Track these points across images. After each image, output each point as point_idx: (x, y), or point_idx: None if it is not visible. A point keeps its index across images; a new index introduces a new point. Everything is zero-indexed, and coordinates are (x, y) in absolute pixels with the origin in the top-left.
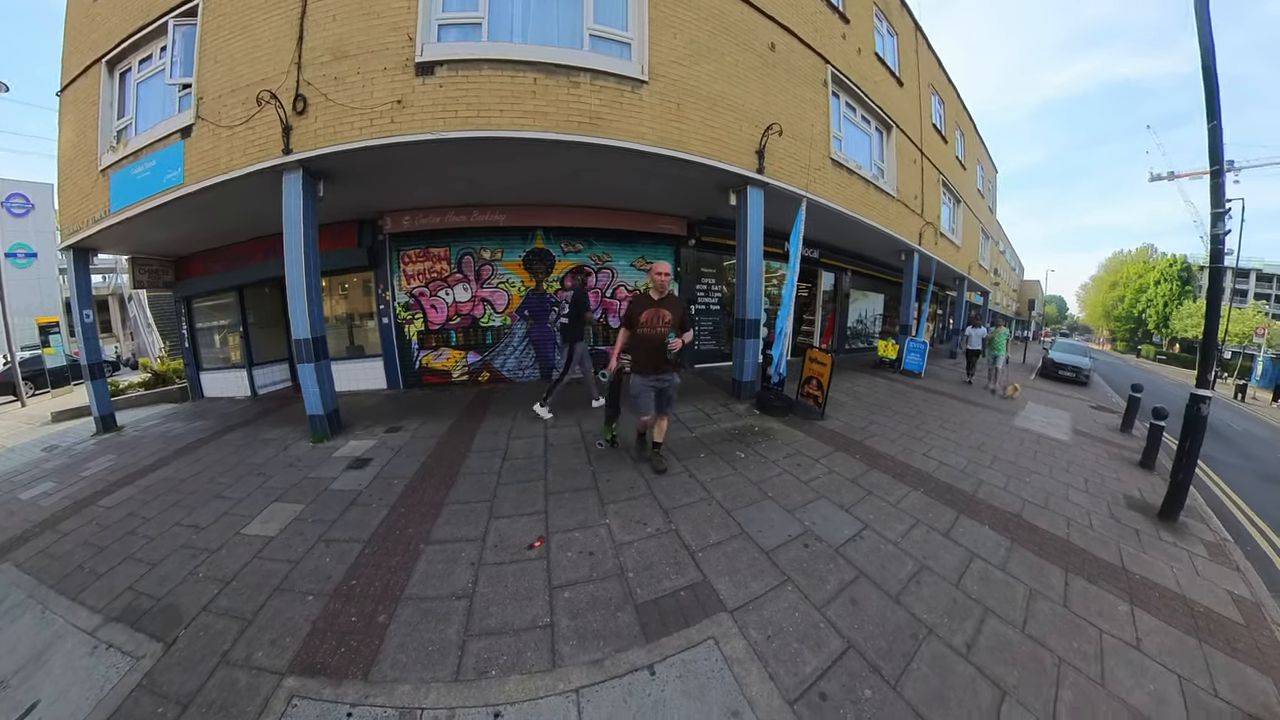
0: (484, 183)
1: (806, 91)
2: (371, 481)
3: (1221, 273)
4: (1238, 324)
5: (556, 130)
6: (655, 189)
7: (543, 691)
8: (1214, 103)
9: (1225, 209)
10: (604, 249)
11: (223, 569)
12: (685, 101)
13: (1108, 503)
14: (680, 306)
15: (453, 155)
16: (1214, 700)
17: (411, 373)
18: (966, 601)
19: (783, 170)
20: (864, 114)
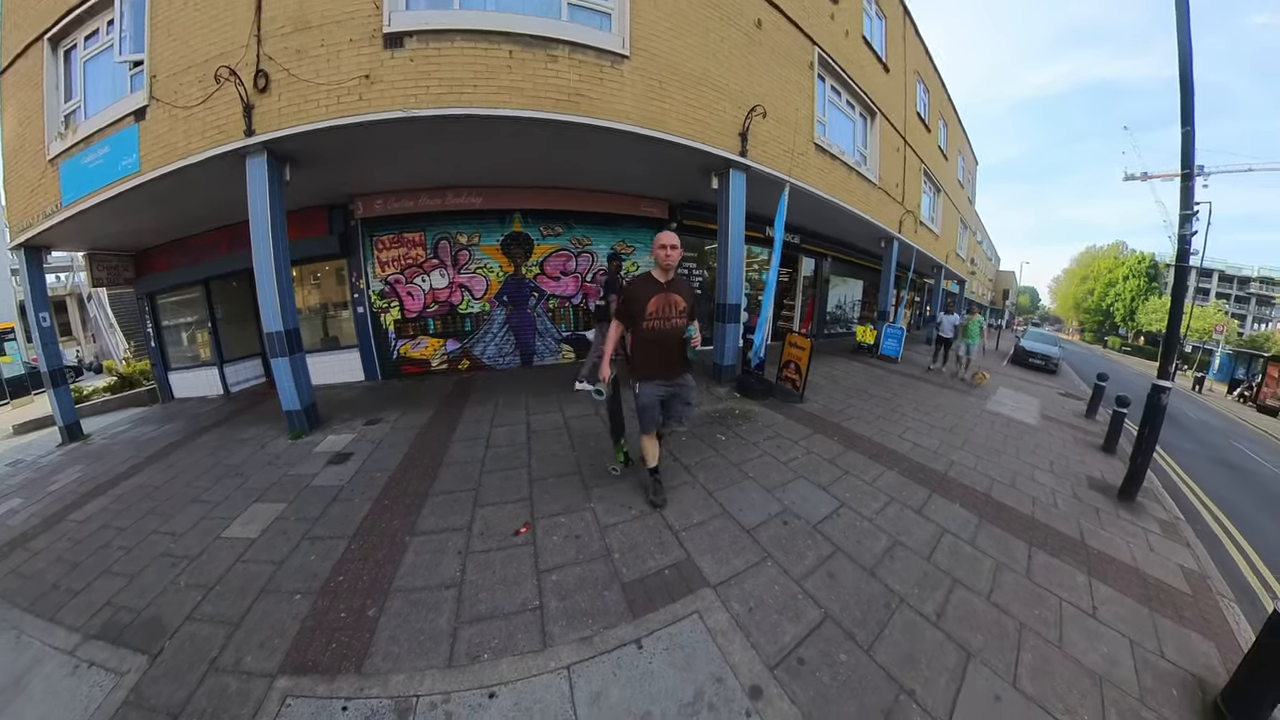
0: (459, 164)
1: (792, 73)
2: (353, 476)
3: (1186, 271)
4: (1199, 320)
5: (534, 108)
6: (636, 171)
7: (535, 670)
8: (1189, 109)
9: (1193, 211)
10: (584, 232)
11: (205, 575)
12: (668, 79)
13: (1071, 483)
14: (691, 289)
15: (425, 134)
16: (1161, 661)
17: (389, 363)
18: (937, 574)
19: (766, 154)
20: (849, 99)
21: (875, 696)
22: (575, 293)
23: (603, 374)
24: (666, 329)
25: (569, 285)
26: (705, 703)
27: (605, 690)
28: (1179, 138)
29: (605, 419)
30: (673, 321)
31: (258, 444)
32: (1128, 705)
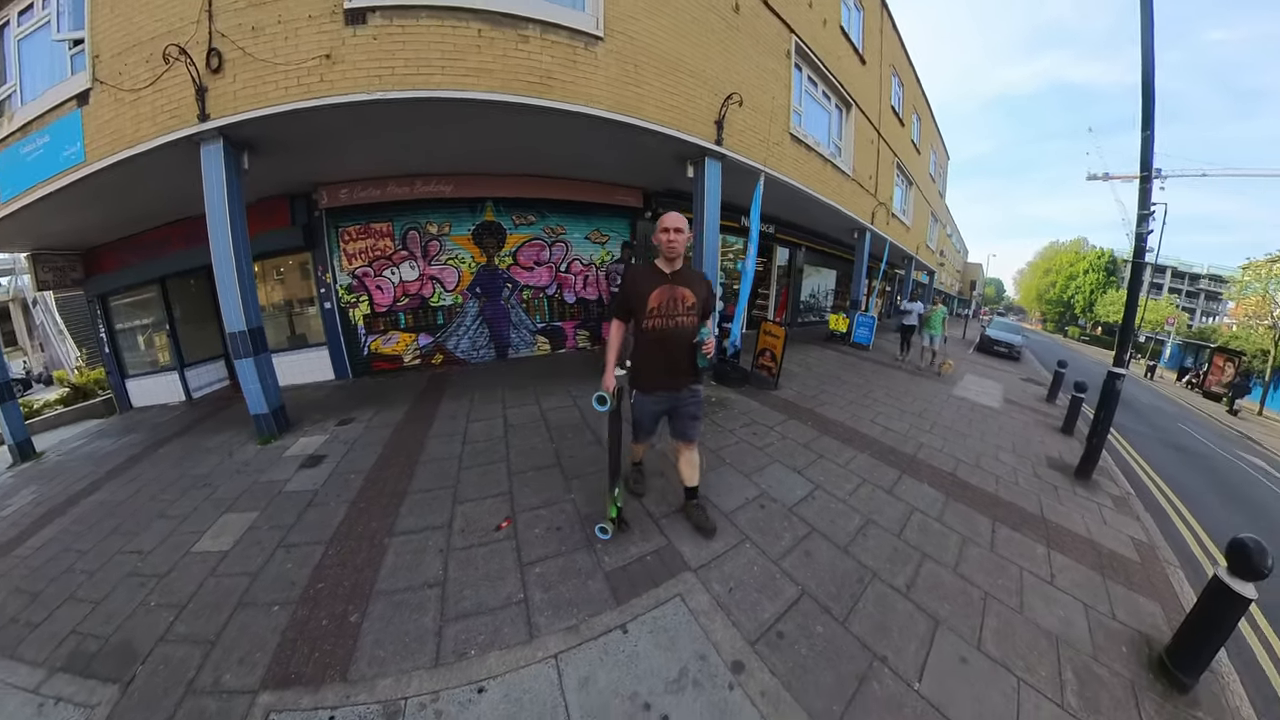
0: (428, 150)
1: (769, 61)
2: (328, 479)
3: (1142, 267)
4: (1152, 313)
5: (504, 91)
6: (611, 158)
7: (523, 661)
8: (1149, 114)
9: (1150, 211)
10: (558, 221)
11: (176, 593)
12: (643, 63)
13: (1032, 462)
14: (705, 282)
15: (392, 119)
16: (1112, 622)
17: (360, 360)
18: (907, 549)
19: (742, 143)
20: (825, 90)
21: (850, 664)
22: (549, 283)
23: (606, 383)
24: (671, 328)
25: (543, 276)
26: (690, 679)
27: (593, 675)
28: (1139, 141)
29: (604, 444)
30: (678, 320)
31: (225, 451)
32: (1082, 662)
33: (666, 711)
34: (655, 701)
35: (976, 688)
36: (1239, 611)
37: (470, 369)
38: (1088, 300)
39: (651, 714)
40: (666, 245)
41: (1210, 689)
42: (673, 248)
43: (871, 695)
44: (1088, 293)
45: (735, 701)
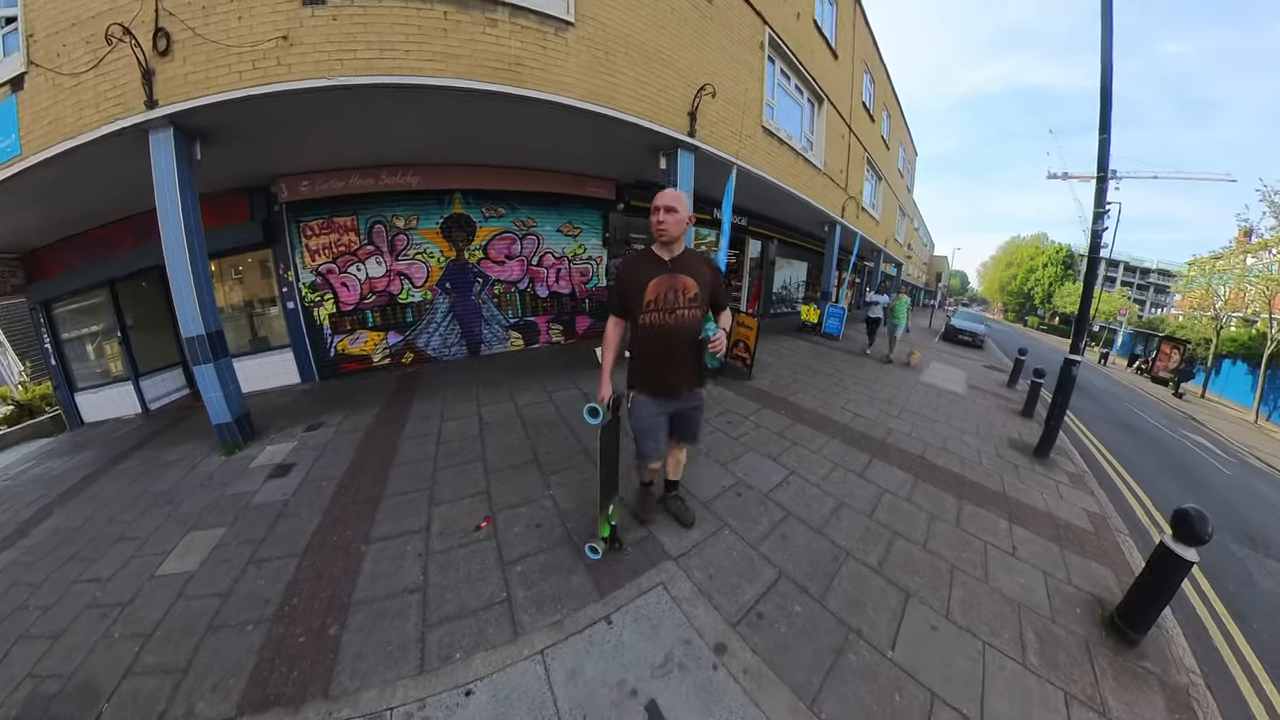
0: (393, 140)
1: (743, 53)
2: (298, 488)
3: (1097, 262)
4: (1106, 304)
5: (472, 77)
6: (582, 149)
7: (509, 660)
8: (1107, 119)
9: (1105, 210)
10: (529, 213)
11: (141, 622)
12: (615, 51)
13: (994, 443)
14: (709, 266)
15: (354, 106)
16: (1068, 587)
17: (326, 361)
18: (878, 528)
19: (714, 135)
20: (798, 83)
21: (828, 638)
22: (521, 277)
23: (600, 393)
24: (670, 323)
25: (514, 269)
26: (675, 663)
27: (580, 667)
28: (1097, 144)
29: (595, 458)
30: (679, 313)
31: (187, 465)
32: (1041, 624)
33: (653, 696)
34: (642, 688)
35: (945, 653)
36: (1182, 574)
37: (442, 367)
38: (1046, 292)
39: (639, 700)
40: (656, 227)
41: (1157, 643)
42: (663, 230)
43: (848, 666)
44: (1046, 285)
45: (719, 681)
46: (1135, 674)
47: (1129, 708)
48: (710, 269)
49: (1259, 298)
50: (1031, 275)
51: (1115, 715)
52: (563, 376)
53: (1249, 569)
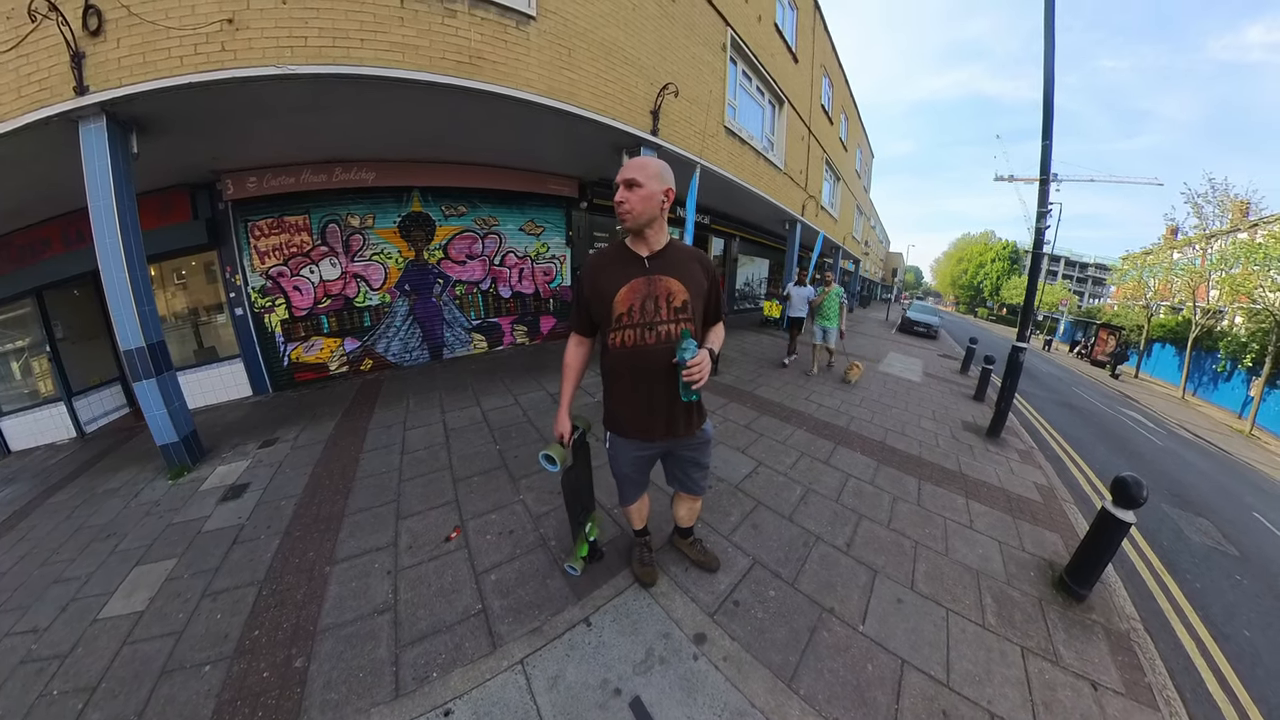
0: (347, 134)
1: (705, 53)
2: (254, 510)
3: (1041, 257)
4: (1049, 295)
5: (430, 69)
6: (545, 146)
7: (489, 674)
8: (1049, 127)
9: (1048, 209)
10: (490, 211)
11: (84, 673)
12: (577, 47)
13: (950, 426)
14: (702, 266)
15: (305, 98)
16: (1021, 554)
17: (280, 371)
18: (845, 511)
19: (677, 134)
20: (759, 85)
21: (802, 619)
22: (483, 278)
23: (558, 430)
24: (649, 344)
25: (476, 270)
26: (656, 657)
27: (561, 672)
28: (1040, 150)
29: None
30: (661, 329)
31: (130, 492)
32: (998, 588)
33: (637, 692)
34: (625, 685)
35: (912, 621)
36: (1122, 534)
37: (403, 373)
38: (994, 285)
39: (623, 698)
40: (617, 210)
41: (1101, 595)
42: (625, 212)
43: (823, 642)
44: (995, 279)
45: (701, 670)
46: (1083, 625)
47: (1078, 654)
48: (704, 269)
49: (1184, 288)
50: (981, 270)
51: (1067, 663)
52: (528, 379)
53: (1180, 527)
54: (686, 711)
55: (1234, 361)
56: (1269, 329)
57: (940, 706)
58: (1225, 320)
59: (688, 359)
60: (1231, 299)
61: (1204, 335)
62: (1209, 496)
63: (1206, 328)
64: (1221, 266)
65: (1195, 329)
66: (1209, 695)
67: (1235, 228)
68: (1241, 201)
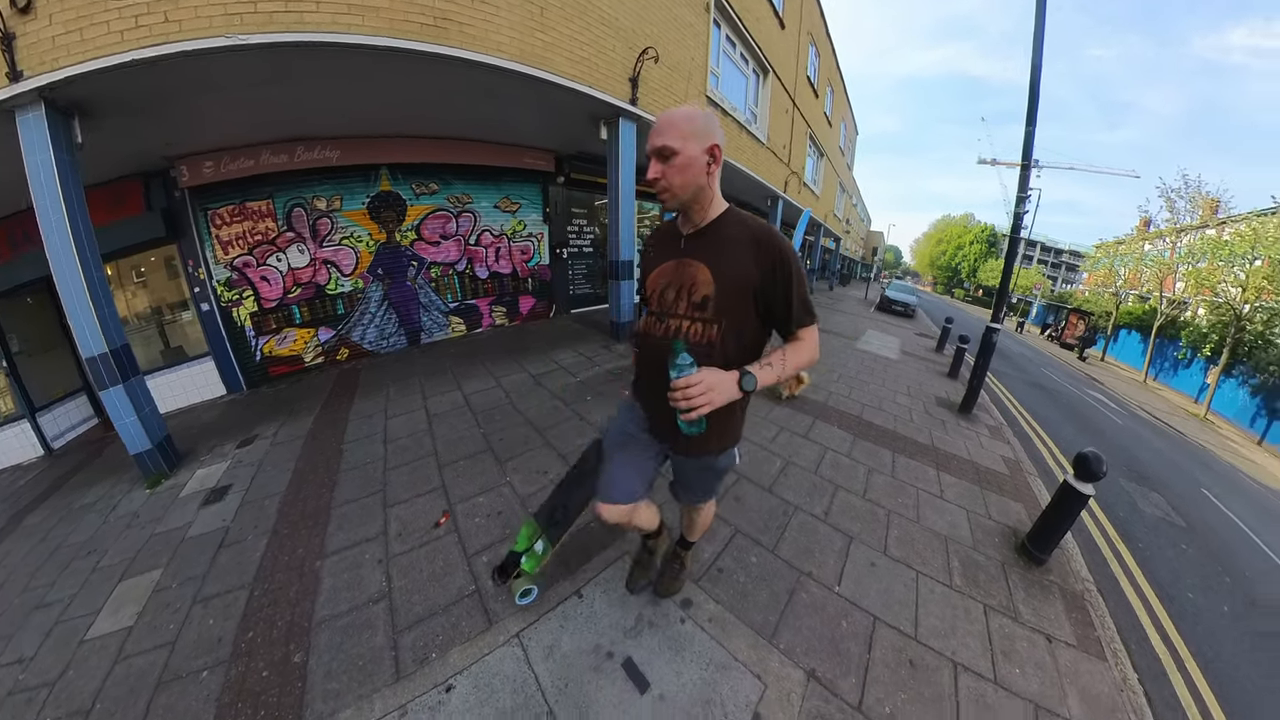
0: (308, 108)
1: (687, 13)
2: (238, 511)
3: (1018, 241)
4: (1024, 279)
5: (392, 34)
6: (519, 118)
7: (486, 649)
8: (1034, 112)
9: (1027, 194)
10: (463, 188)
11: (77, 696)
12: (550, 5)
13: (924, 402)
14: (759, 249)
15: (260, 70)
16: (988, 521)
17: (253, 367)
18: (822, 483)
19: (657, 103)
20: (744, 51)
21: (782, 582)
22: (459, 258)
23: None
24: (658, 337)
25: (451, 250)
26: (646, 622)
27: (557, 642)
28: (1023, 135)
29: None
30: (672, 324)
31: (107, 506)
32: (965, 553)
33: (629, 654)
34: (617, 649)
35: (884, 583)
36: (1081, 505)
37: (381, 360)
38: (972, 267)
39: (615, 660)
40: (656, 191)
41: (1059, 560)
42: (664, 192)
43: (801, 603)
44: (972, 261)
45: (687, 632)
46: (1042, 586)
47: (1036, 612)
48: (760, 254)
49: (1153, 279)
50: (959, 251)
51: (1025, 619)
52: (509, 360)
53: (1134, 500)
54: (675, 667)
55: (1194, 350)
56: (1228, 322)
57: (908, 657)
58: (1189, 311)
59: (673, 378)
60: (1196, 292)
61: (1168, 324)
62: (1163, 473)
63: (1171, 317)
64: (1189, 260)
65: (1160, 318)
66: (1152, 648)
67: (1204, 224)
68: (1212, 199)
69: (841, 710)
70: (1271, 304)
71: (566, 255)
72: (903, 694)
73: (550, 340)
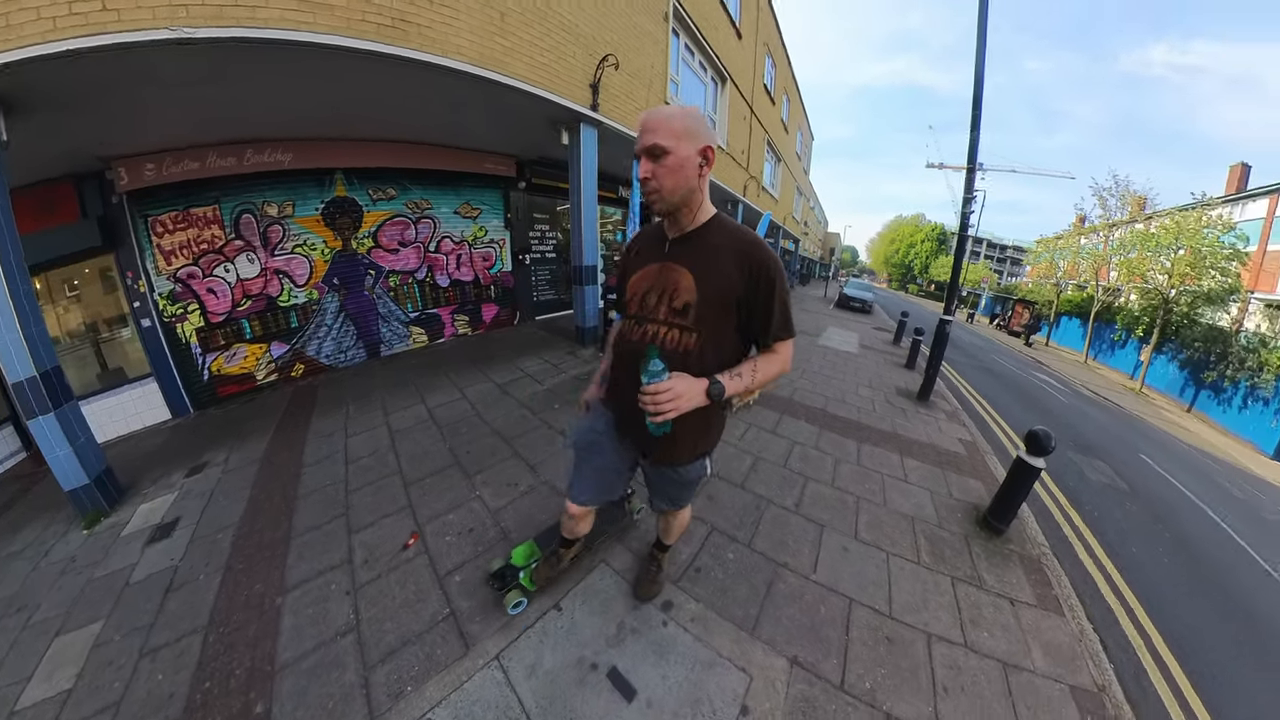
0: (259, 108)
1: (646, 22)
2: (188, 548)
3: (966, 239)
4: (972, 273)
5: (348, 33)
6: (479, 122)
7: (465, 676)
8: (977, 119)
9: (973, 195)
10: (422, 194)
11: None
12: (511, 11)
13: (884, 393)
14: (746, 260)
15: (207, 66)
16: (950, 500)
17: (200, 387)
18: (792, 475)
19: (618, 110)
20: (702, 60)
21: (759, 575)
22: (419, 266)
23: (584, 396)
24: (634, 342)
25: (410, 258)
26: (628, 629)
27: (539, 660)
28: (968, 141)
29: None
30: (650, 330)
31: (37, 552)
32: (930, 530)
33: (613, 663)
34: (601, 659)
35: (857, 566)
36: (1034, 478)
37: (339, 375)
38: (924, 264)
39: (600, 671)
40: (645, 192)
41: (1017, 529)
42: (654, 194)
43: (779, 593)
44: (924, 258)
45: (671, 634)
46: (1003, 554)
47: (998, 579)
48: (745, 264)
49: (1089, 270)
50: (912, 250)
51: (989, 586)
52: (474, 370)
53: (1081, 469)
54: (660, 671)
55: (1128, 332)
56: (1157, 305)
57: (884, 634)
58: (1122, 298)
59: (644, 383)
60: (1128, 279)
61: (1104, 310)
62: (1106, 444)
63: (1106, 303)
64: (1120, 252)
65: (1097, 304)
66: (1104, 599)
67: (1133, 219)
68: (1140, 196)
69: (825, 691)
70: (1194, 288)
71: (529, 261)
72: (882, 669)
73: (515, 348)
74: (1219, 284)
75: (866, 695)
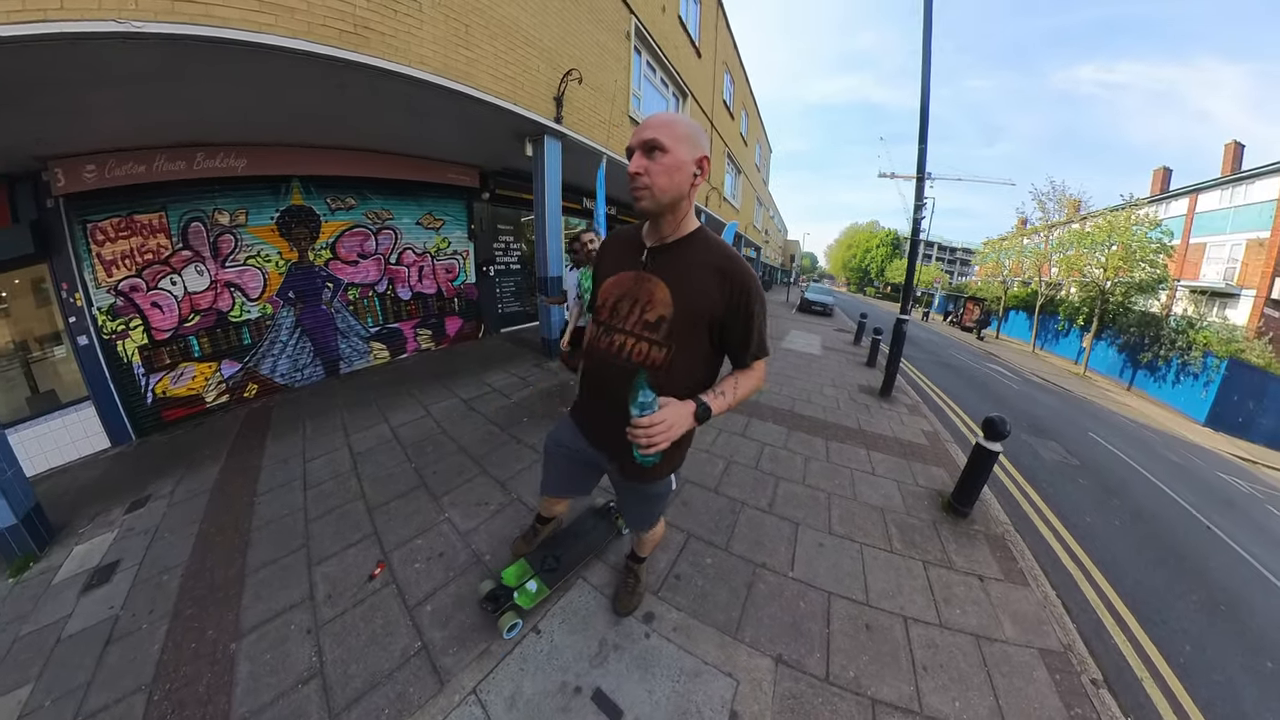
0: (212, 110)
1: (609, 40)
2: (129, 593)
3: (918, 243)
4: (925, 275)
5: (309, 37)
6: (441, 132)
7: (441, 712)
8: (924, 132)
9: (923, 202)
10: (383, 204)
11: None
12: (475, 24)
13: (848, 391)
14: (715, 272)
15: (157, 62)
16: (916, 488)
17: (144, 411)
18: (764, 476)
19: (582, 123)
20: (664, 76)
21: (739, 577)
22: (379, 279)
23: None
24: (604, 352)
25: (370, 270)
26: (610, 646)
27: (519, 688)
28: (917, 152)
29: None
30: (619, 342)
31: None
32: (900, 518)
33: (597, 684)
34: (584, 682)
35: (832, 559)
36: (992, 461)
37: (296, 395)
38: (880, 267)
39: (584, 694)
40: (633, 186)
41: (980, 511)
42: (643, 191)
43: (760, 593)
44: (880, 262)
45: (654, 646)
46: (969, 535)
47: (966, 558)
48: (725, 282)
49: (1032, 267)
50: (868, 254)
51: (958, 566)
52: (438, 386)
53: (1036, 449)
54: (646, 686)
55: (1070, 322)
56: (1095, 296)
57: (864, 622)
58: (1063, 291)
59: (635, 416)
60: (1067, 274)
61: (1047, 303)
62: (1056, 425)
63: (1049, 297)
64: (1060, 250)
65: (1041, 298)
66: (1064, 567)
67: (1070, 220)
68: (1075, 199)
69: (811, 685)
70: (1127, 279)
71: (494, 273)
72: (864, 656)
73: (481, 362)
74: (1149, 275)
75: (851, 684)
